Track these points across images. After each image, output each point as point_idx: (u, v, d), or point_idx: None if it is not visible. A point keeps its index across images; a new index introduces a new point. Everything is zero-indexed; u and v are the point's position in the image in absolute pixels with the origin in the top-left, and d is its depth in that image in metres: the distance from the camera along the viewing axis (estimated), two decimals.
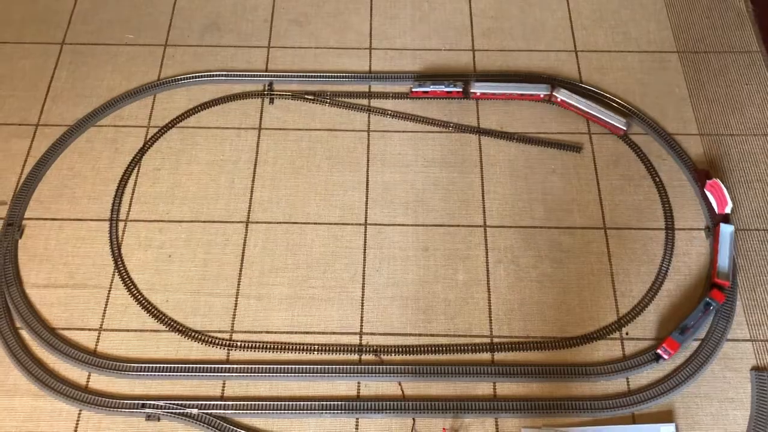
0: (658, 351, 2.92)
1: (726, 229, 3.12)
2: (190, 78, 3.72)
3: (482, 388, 2.91)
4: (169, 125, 3.59)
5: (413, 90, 3.62)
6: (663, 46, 3.87)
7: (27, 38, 3.89)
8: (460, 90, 3.60)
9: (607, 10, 4.02)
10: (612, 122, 3.52)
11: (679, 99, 3.67)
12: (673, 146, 3.49)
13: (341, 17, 3.99)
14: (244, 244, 3.24)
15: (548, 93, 3.60)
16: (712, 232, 3.22)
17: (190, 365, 2.93)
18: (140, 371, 2.91)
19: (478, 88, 3.61)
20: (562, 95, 3.58)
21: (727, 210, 3.16)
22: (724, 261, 3.05)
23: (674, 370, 2.92)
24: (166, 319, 3.05)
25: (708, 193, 3.18)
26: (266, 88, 3.70)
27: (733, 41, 3.89)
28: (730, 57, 3.83)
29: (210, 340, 3.00)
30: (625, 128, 3.51)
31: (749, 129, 3.57)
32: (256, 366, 2.93)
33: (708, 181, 3.21)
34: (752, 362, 2.95)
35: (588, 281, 3.15)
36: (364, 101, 3.67)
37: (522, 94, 3.62)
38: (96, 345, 3.00)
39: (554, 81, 3.70)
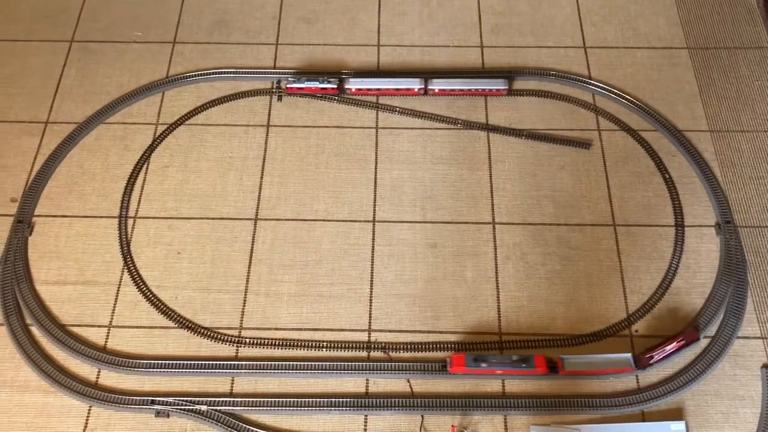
0: (447, 359, 2.89)
1: (626, 357, 2.87)
2: (198, 75, 3.72)
3: (491, 385, 2.90)
4: (178, 122, 3.59)
5: (288, 86, 3.61)
6: (673, 42, 3.85)
7: (36, 36, 3.91)
8: (335, 86, 3.59)
9: (616, 5, 4.00)
10: (493, 87, 3.58)
11: (689, 95, 3.65)
12: (683, 143, 3.47)
13: (349, 14, 3.99)
14: (253, 241, 3.25)
15: (422, 86, 3.59)
16: (723, 230, 3.21)
17: (199, 362, 2.93)
18: (150, 368, 2.92)
19: (353, 84, 3.60)
20: (437, 85, 3.59)
21: (650, 362, 2.88)
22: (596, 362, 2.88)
23: (684, 367, 2.91)
24: (175, 316, 3.06)
25: (673, 343, 2.88)
26: (274, 86, 3.70)
27: (743, 37, 3.86)
28: (741, 53, 3.80)
29: (219, 336, 3.01)
30: (506, 87, 3.57)
31: (760, 125, 3.55)
32: (265, 363, 2.93)
33: (683, 336, 2.88)
34: (763, 360, 2.94)
35: (597, 278, 3.14)
36: (373, 98, 3.66)
37: (397, 89, 3.61)
38: (106, 341, 3.01)
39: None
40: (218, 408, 2.83)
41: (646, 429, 2.77)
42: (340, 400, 2.85)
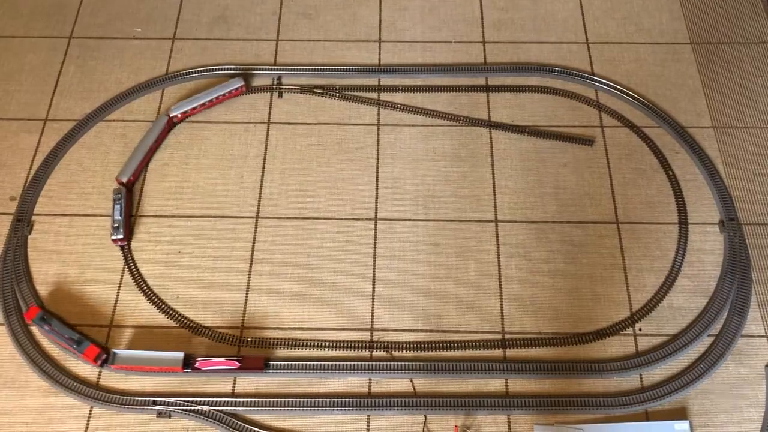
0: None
1: (177, 356, 2.86)
2: (198, 72, 3.70)
3: (494, 384, 2.89)
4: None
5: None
6: (676, 37, 3.82)
7: (35, 32, 3.88)
8: None
9: (618, 0, 3.97)
10: (230, 89, 3.54)
11: (692, 91, 3.63)
12: (687, 139, 3.45)
13: (350, 9, 3.96)
14: (254, 240, 3.23)
15: (169, 116, 3.47)
16: (727, 227, 3.19)
17: None
18: None
19: None
20: (177, 111, 3.47)
21: (194, 366, 2.85)
22: None
23: (688, 366, 2.90)
24: (176, 316, 3.04)
25: (223, 361, 2.85)
26: (275, 82, 3.67)
27: (747, 32, 3.83)
28: (744, 48, 3.78)
29: (220, 336, 2.99)
30: (244, 83, 3.55)
31: (764, 121, 3.53)
32: (267, 362, 2.91)
33: (241, 360, 2.85)
34: (767, 359, 2.92)
35: (600, 276, 3.12)
36: (374, 95, 3.64)
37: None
38: (107, 341, 2.99)
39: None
40: (220, 408, 2.82)
41: (650, 428, 2.76)
42: (343, 400, 2.84)
